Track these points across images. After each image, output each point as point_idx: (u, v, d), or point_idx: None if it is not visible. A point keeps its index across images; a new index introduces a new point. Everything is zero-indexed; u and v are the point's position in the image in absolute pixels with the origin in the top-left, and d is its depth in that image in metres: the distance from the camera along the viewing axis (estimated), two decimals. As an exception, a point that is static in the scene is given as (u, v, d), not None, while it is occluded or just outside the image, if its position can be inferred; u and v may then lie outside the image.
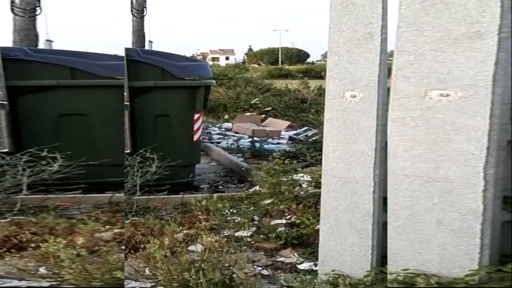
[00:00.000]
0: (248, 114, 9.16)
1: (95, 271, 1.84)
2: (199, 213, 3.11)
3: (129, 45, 7.44)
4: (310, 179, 3.64)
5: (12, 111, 3.58)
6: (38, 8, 4.82)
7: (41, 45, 5.03)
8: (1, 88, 3.49)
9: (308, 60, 52.80)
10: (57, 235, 2.35)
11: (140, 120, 3.85)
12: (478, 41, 1.39)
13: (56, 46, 5.10)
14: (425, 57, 1.48)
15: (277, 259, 2.49)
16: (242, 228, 2.85)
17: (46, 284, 1.97)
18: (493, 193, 1.46)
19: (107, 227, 2.59)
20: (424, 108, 1.50)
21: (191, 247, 2.54)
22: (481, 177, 1.43)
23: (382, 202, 1.75)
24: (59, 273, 1.88)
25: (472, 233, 1.46)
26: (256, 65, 32.96)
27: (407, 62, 1.52)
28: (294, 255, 2.51)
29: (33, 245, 2.26)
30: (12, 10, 4.75)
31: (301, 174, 3.89)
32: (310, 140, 5.91)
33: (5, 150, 3.49)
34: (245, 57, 57.46)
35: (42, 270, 2.09)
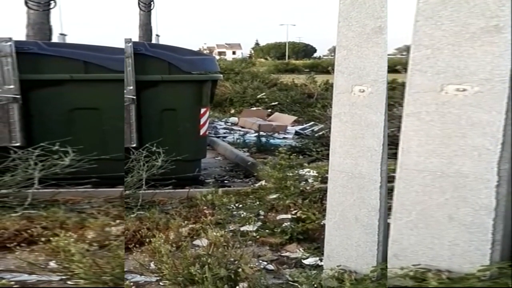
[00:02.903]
0: (254, 108, 9.13)
1: (105, 265, 1.85)
2: (205, 207, 3.11)
3: (136, 39, 7.43)
4: (316, 174, 3.62)
5: (24, 105, 3.58)
6: (52, 2, 4.82)
7: (55, 39, 5.04)
8: (14, 82, 3.50)
9: (315, 55, 52.59)
10: (68, 229, 2.36)
11: (146, 114, 3.84)
12: (496, 35, 1.37)
13: (69, 40, 5.11)
14: (442, 51, 1.47)
15: (283, 254, 2.49)
16: (248, 223, 2.85)
17: (56, 278, 1.98)
18: (506, 189, 1.45)
19: (118, 221, 2.60)
20: (439, 102, 1.49)
21: (197, 242, 2.54)
22: (495, 173, 1.42)
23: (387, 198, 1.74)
24: (69, 267, 1.89)
25: (484, 228, 1.45)
26: (262, 60, 32.80)
27: (424, 56, 1.50)
28: (299, 250, 2.50)
29: (43, 239, 2.27)
30: (26, 4, 4.75)
31: (307, 169, 3.88)
32: (316, 135, 5.88)
33: (17, 144, 3.49)
34: (252, 51, 57.33)
35: (52, 264, 2.09)
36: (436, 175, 1.51)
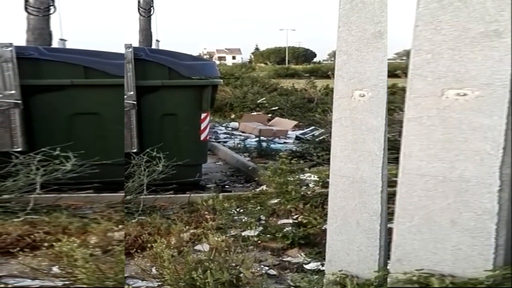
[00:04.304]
0: (255, 113, 9.14)
1: (108, 271, 1.84)
2: (206, 212, 3.10)
3: (136, 44, 7.46)
4: (317, 179, 3.62)
5: (25, 110, 3.58)
6: (52, 7, 4.84)
7: (55, 44, 5.06)
8: (15, 87, 3.50)
9: (315, 59, 52.76)
10: (70, 234, 2.35)
11: (146, 119, 3.85)
12: (496, 39, 1.38)
13: (69, 45, 5.13)
14: (442, 56, 1.47)
15: (284, 259, 2.48)
16: (249, 227, 2.85)
17: (59, 284, 1.97)
18: (508, 193, 1.45)
19: (120, 226, 2.59)
20: (440, 107, 1.49)
21: (198, 247, 2.53)
22: (497, 177, 1.42)
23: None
24: (73, 272, 1.88)
25: (487, 233, 1.45)
26: (262, 65, 32.90)
27: (424, 61, 1.51)
28: (301, 255, 2.50)
29: (46, 244, 2.26)
30: (26, 9, 4.76)
31: (308, 174, 3.87)
32: (316, 139, 5.87)
33: (19, 149, 3.49)
34: (252, 56, 57.46)
35: (55, 269, 2.09)
36: (438, 180, 1.51)
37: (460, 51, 1.44)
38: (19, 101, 3.53)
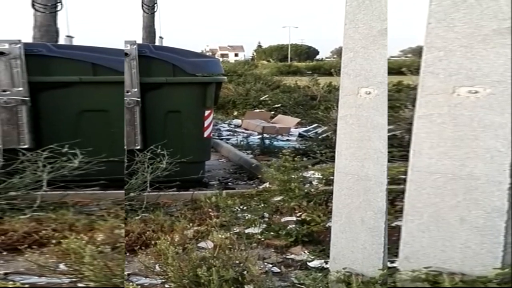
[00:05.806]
0: (258, 110, 9.12)
1: (115, 268, 1.84)
2: (209, 209, 3.10)
3: (139, 41, 7.46)
4: (321, 176, 3.61)
5: (33, 107, 3.57)
6: (59, 4, 4.84)
7: (61, 41, 5.06)
8: (23, 84, 3.49)
9: (318, 57, 52.63)
10: (77, 231, 2.36)
11: (150, 116, 3.84)
12: (509, 37, 1.37)
13: (75, 42, 5.13)
14: (454, 53, 1.47)
15: (288, 257, 2.48)
16: (252, 225, 2.84)
17: (66, 280, 1.98)
18: None
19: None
20: (451, 105, 1.49)
21: (201, 244, 2.53)
22: (507, 175, 1.41)
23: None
24: (80, 269, 1.88)
25: (496, 231, 1.45)
26: (265, 62, 32.80)
27: (436, 58, 1.50)
28: (304, 252, 2.49)
29: (53, 241, 2.26)
30: (33, 6, 4.76)
31: (312, 171, 3.86)
32: (319, 137, 5.85)
33: (26, 146, 3.47)
34: (254, 53, 57.34)
35: (62, 266, 2.09)
36: (448, 177, 1.51)
37: (473, 48, 1.43)
38: (26, 98, 3.51)
